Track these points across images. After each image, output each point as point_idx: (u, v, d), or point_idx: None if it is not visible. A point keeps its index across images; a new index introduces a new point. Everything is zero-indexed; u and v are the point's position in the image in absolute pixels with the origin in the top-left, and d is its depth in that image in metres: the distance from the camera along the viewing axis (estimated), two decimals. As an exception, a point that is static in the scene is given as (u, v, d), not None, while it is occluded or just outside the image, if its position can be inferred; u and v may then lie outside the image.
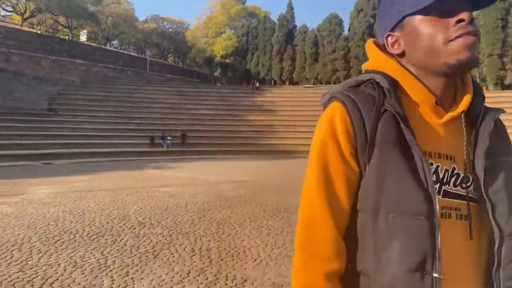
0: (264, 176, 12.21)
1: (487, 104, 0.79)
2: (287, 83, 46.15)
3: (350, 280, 0.73)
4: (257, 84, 40.88)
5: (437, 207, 0.69)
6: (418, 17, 0.73)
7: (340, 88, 0.78)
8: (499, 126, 0.80)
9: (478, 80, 38.99)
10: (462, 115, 0.76)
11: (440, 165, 0.73)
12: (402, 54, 0.78)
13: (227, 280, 3.41)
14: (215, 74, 54.11)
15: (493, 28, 34.10)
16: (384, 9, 0.81)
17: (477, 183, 0.74)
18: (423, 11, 0.73)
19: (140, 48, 52.40)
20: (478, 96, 0.78)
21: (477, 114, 0.77)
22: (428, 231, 0.68)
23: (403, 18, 0.76)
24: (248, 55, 48.73)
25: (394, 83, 0.75)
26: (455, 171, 0.74)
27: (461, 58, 0.70)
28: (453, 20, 0.71)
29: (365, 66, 0.83)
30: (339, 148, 0.72)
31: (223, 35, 51.16)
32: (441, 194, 0.73)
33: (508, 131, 0.82)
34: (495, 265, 0.72)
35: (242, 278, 3.46)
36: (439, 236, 0.68)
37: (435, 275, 0.67)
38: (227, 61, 48.97)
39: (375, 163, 0.70)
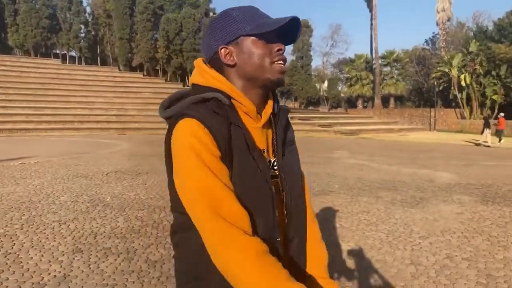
0: None
1: None
2: None
3: None
4: None
5: (274, 193, 0.92)
6: (252, 39, 0.91)
7: (185, 104, 0.90)
8: (288, 121, 1.06)
9: (111, 61, 42.13)
10: (271, 117, 0.98)
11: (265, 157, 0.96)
12: (234, 66, 0.93)
13: None
14: None
15: (123, 14, 37.81)
16: (222, 25, 0.95)
17: (278, 163, 0.99)
18: (257, 36, 0.91)
19: None
20: (276, 101, 1.02)
21: (275, 115, 1.00)
22: (271, 208, 0.91)
23: (239, 36, 0.92)
24: None
25: (230, 100, 0.91)
26: (269, 159, 0.98)
27: (279, 77, 0.93)
28: (275, 47, 0.93)
29: (196, 81, 0.96)
30: (212, 153, 0.84)
31: None
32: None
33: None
34: (288, 221, 0.99)
35: None
36: (276, 212, 0.92)
37: (278, 239, 0.93)
38: None
39: (237, 164, 0.87)
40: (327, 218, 4.91)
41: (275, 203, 0.92)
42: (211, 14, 42.27)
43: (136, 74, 37.19)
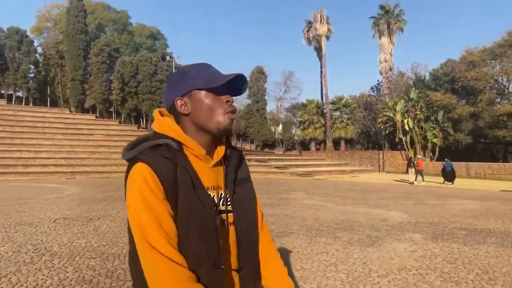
0: None
1: None
2: None
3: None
4: None
5: (218, 224, 1.02)
6: (203, 92, 1.07)
7: (141, 149, 1.02)
8: (242, 161, 1.20)
9: (62, 102, 40.64)
10: (221, 159, 1.11)
11: (215, 194, 1.08)
12: (188, 114, 1.07)
13: None
14: None
15: (76, 55, 37.19)
16: (177, 80, 1.10)
17: (230, 199, 1.10)
18: (208, 90, 1.06)
19: None
20: (229, 145, 1.15)
21: (228, 157, 1.14)
22: (215, 239, 1.01)
23: (193, 89, 1.07)
24: None
25: (180, 145, 1.04)
26: (222, 195, 1.10)
27: (227, 127, 1.06)
28: (224, 99, 1.07)
29: (154, 128, 1.10)
30: (156, 196, 0.96)
31: None
32: (217, 213, 1.06)
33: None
34: (238, 251, 1.10)
35: None
36: (220, 241, 1.02)
37: (222, 266, 1.02)
38: None
39: (182, 200, 0.98)
40: (288, 260, 4.89)
41: (218, 234, 1.02)
42: (167, 58, 42.80)
43: (89, 116, 36.06)
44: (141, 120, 41.62)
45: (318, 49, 43.98)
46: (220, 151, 1.11)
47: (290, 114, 55.73)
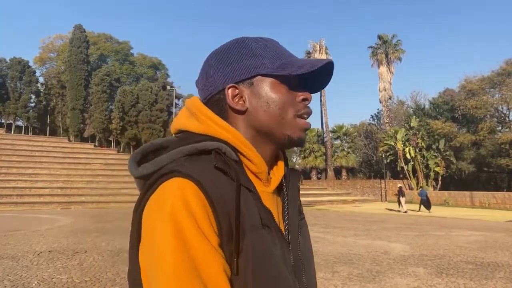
0: None
1: None
2: None
3: None
4: None
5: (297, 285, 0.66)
6: (273, 81, 0.68)
7: (177, 156, 0.61)
8: (299, 187, 0.81)
9: (62, 131, 40.80)
10: (283, 180, 0.73)
11: None
12: (243, 112, 0.68)
13: None
14: None
15: (77, 85, 37.66)
16: (234, 57, 0.69)
17: (293, 244, 0.70)
18: (279, 77, 0.68)
19: None
20: (286, 161, 0.77)
21: (287, 178, 0.75)
22: None
23: (256, 75, 0.68)
24: None
25: (237, 153, 0.65)
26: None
27: (301, 136, 0.70)
28: (300, 95, 0.70)
29: (188, 126, 0.68)
30: (208, 239, 0.54)
31: None
32: None
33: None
34: None
35: None
36: None
37: None
38: None
39: (251, 253, 0.57)
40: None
41: None
42: (168, 87, 43.25)
43: (87, 144, 36.03)
44: (140, 149, 41.67)
45: (318, 79, 44.42)
46: (280, 169, 0.73)
47: (290, 143, 55.68)
